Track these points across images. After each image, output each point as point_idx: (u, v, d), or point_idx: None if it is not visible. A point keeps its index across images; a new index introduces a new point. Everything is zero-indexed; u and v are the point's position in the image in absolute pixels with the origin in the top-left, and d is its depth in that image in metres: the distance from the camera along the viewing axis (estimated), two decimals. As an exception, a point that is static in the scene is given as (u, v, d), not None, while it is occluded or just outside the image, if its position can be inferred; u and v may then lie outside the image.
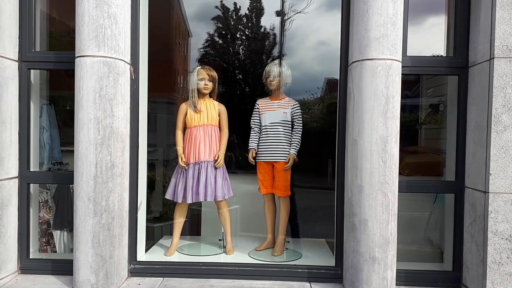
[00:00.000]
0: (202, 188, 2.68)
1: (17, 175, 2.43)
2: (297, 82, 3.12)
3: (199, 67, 2.79)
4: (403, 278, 2.32)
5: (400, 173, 2.16)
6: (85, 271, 2.14)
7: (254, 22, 4.72)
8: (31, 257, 2.51)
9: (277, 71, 2.82)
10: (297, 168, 2.91)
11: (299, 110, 2.84)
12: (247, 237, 3.33)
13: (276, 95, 2.88)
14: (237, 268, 2.42)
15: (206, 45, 4.66)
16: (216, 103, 2.83)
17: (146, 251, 2.74)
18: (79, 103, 2.13)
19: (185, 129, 2.80)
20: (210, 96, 2.84)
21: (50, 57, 2.42)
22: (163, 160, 4.04)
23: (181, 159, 2.71)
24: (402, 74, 2.15)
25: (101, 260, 2.15)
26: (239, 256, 2.73)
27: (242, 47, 4.83)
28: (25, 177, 2.45)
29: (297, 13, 3.91)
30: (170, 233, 3.01)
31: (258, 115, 2.92)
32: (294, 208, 3.29)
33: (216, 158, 2.73)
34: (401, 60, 2.12)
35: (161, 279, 2.39)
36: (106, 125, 2.13)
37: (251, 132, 2.93)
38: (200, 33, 4.63)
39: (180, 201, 2.71)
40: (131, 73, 2.34)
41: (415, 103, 3.35)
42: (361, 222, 2.11)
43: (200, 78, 2.75)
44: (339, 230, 2.36)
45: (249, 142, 2.91)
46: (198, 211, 3.57)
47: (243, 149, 3.18)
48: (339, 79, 2.36)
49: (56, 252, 2.94)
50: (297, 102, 2.86)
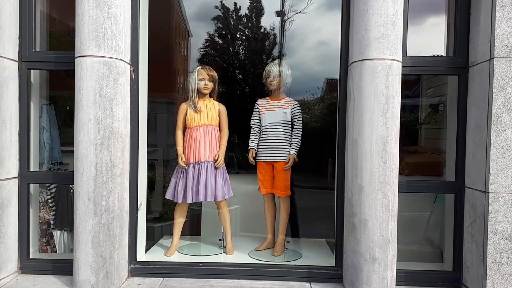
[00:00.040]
0: (202, 188, 2.68)
1: (17, 175, 2.43)
2: (297, 82, 3.12)
3: (199, 67, 2.79)
4: (403, 278, 2.32)
5: (400, 173, 2.16)
6: (85, 271, 2.14)
7: (254, 22, 4.72)
8: (31, 257, 2.51)
9: (277, 71, 2.82)
10: (297, 168, 2.91)
11: (299, 110, 2.84)
12: (247, 237, 3.33)
13: (276, 95, 2.88)
14: (237, 268, 2.42)
15: (206, 45, 4.66)
16: (216, 103, 2.83)
17: (146, 251, 2.74)
18: (79, 103, 2.13)
19: (185, 129, 2.81)
20: (210, 96, 2.84)
21: (50, 57, 2.42)
22: (163, 160, 4.04)
23: (181, 159, 2.71)
24: (402, 74, 2.15)
25: (101, 260, 2.15)
26: (239, 256, 2.73)
27: (242, 47, 4.83)
28: (25, 177, 2.45)
29: (297, 13, 3.91)
30: (170, 233, 3.01)
31: (258, 115, 2.92)
32: (294, 208, 3.29)
33: (216, 158, 2.73)
34: (401, 60, 2.13)
35: (161, 279, 2.39)
36: (106, 125, 2.13)
37: (251, 132, 2.93)
38: (200, 33, 4.64)
39: (180, 201, 2.72)
40: (131, 73, 2.34)
41: (415, 103, 3.35)
42: (361, 222, 2.11)
43: (200, 78, 2.75)
44: (339, 230, 2.36)
45: (249, 142, 2.91)
46: (198, 211, 3.56)
47: (243, 149, 3.18)
48: (339, 79, 2.36)
49: (56, 252, 2.94)
50: (297, 102, 2.86)
